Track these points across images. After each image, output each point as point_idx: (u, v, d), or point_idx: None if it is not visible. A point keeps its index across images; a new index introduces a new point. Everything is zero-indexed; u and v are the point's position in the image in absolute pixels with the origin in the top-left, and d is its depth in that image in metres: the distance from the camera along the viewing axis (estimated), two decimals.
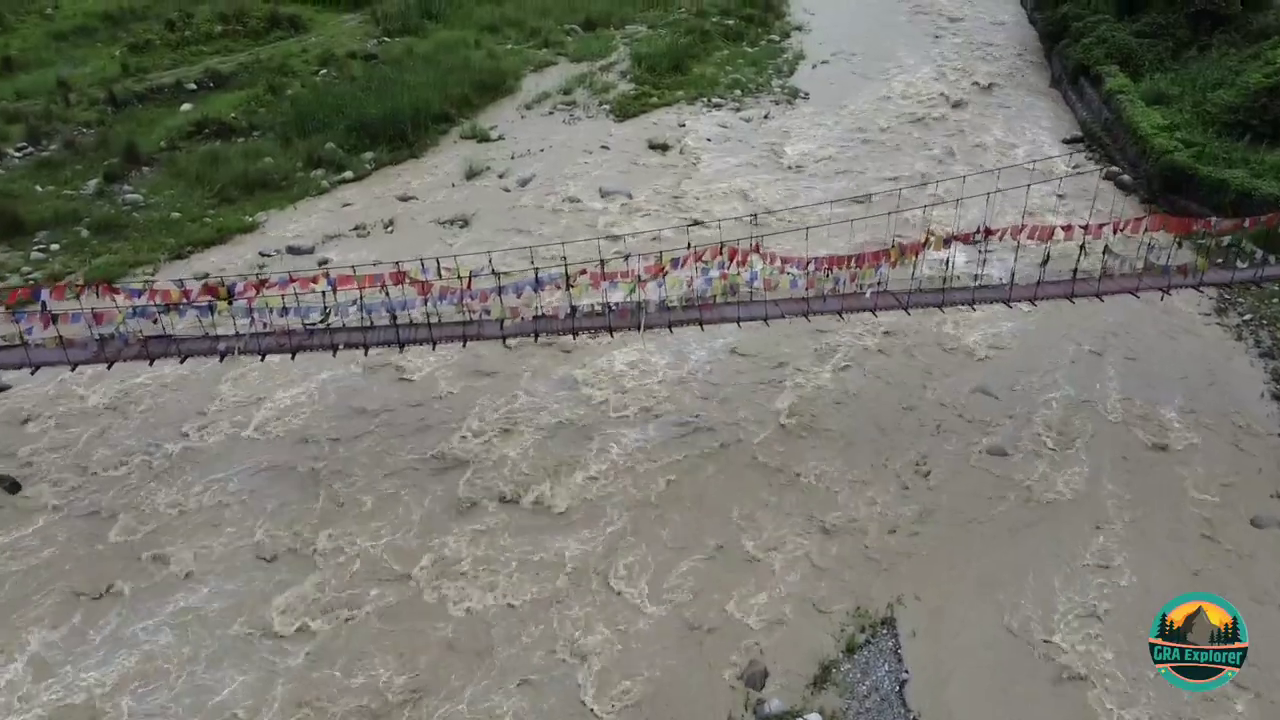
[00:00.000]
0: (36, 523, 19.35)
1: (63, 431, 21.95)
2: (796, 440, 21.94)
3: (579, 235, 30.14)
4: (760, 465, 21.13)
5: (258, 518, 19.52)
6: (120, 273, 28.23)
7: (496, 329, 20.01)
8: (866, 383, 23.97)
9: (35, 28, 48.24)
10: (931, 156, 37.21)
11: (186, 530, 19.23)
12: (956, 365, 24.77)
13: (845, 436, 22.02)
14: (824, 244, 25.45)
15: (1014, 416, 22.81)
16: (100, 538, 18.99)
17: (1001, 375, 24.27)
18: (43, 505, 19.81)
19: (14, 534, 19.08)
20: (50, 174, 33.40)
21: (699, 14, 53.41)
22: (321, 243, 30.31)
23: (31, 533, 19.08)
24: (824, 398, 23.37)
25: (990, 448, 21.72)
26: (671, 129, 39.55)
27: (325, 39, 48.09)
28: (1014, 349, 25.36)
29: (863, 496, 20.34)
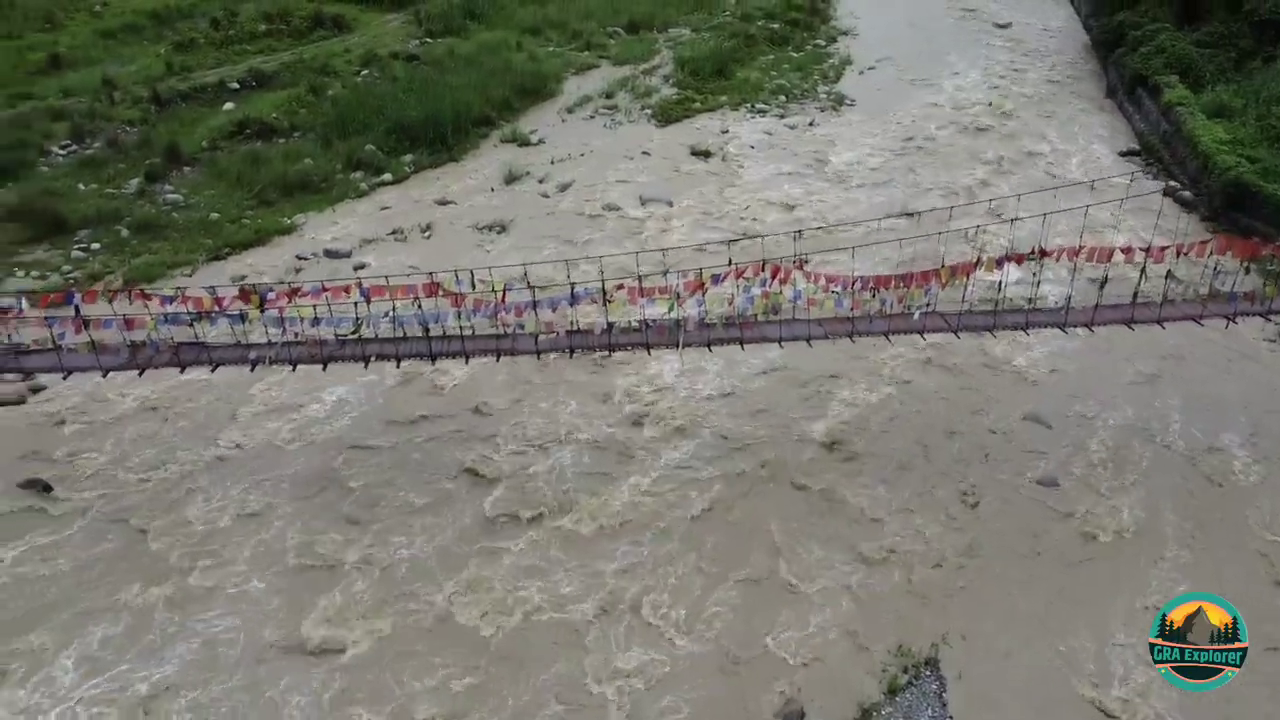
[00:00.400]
0: (68, 527, 19.15)
1: (96, 435, 21.80)
2: (838, 463, 21.21)
3: (618, 244, 29.70)
4: (801, 489, 20.44)
5: (287, 529, 19.18)
6: (158, 273, 28.16)
7: (531, 343, 19.52)
8: (912, 405, 23.17)
9: (84, 25, 48.69)
10: (982, 167, 36.20)
11: (215, 540, 18.93)
12: (1006, 388, 23.88)
13: (889, 461, 21.26)
14: (869, 257, 24.87)
15: (1066, 445, 21.90)
16: (129, 544, 18.75)
17: (1053, 400, 23.35)
18: (74, 509, 19.63)
19: (45, 538, 18.90)
20: (93, 172, 33.48)
21: (743, 18, 52.71)
22: (359, 246, 30.04)
23: (62, 538, 18.88)
24: (868, 419, 22.61)
25: (1041, 477, 20.85)
26: (714, 135, 38.90)
27: (368, 39, 48.03)
28: (1066, 372, 24.41)
29: (907, 526, 19.58)
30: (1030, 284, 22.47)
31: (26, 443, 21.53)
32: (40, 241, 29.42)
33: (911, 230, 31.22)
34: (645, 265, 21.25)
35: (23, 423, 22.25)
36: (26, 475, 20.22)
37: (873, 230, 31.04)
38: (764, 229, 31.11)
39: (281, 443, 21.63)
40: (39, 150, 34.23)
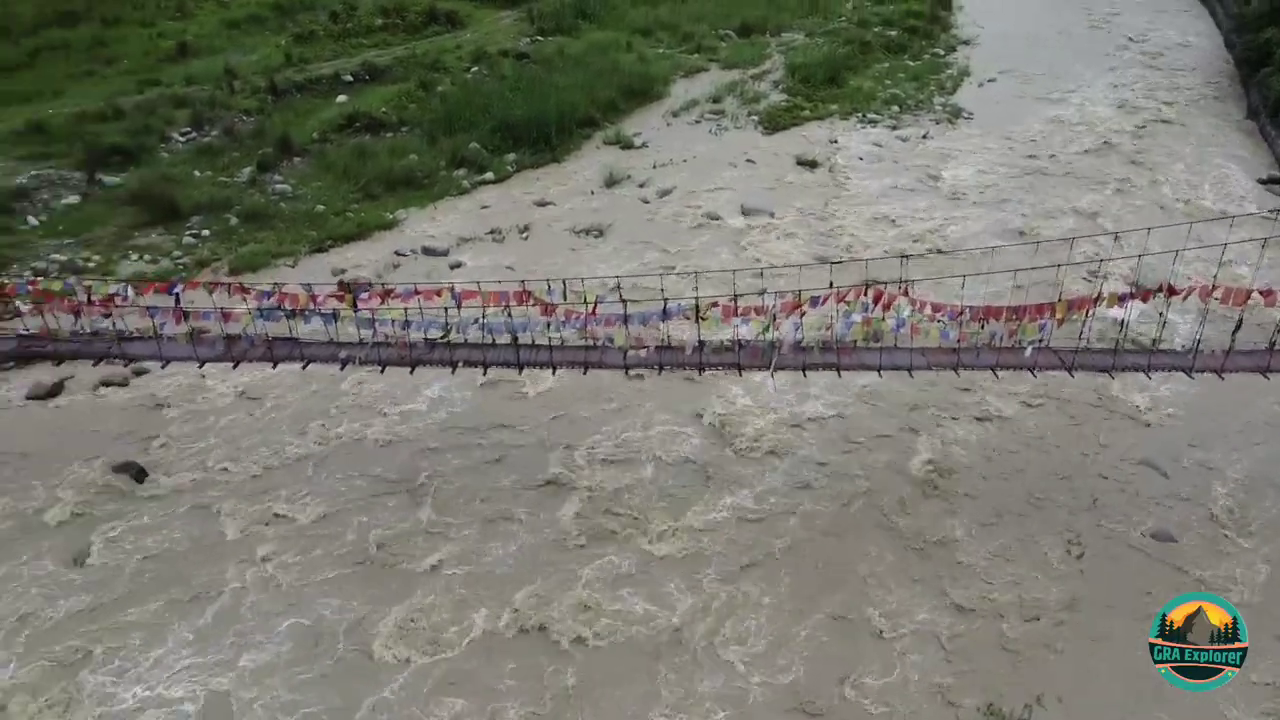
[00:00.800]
0: (157, 515, 19.53)
1: (191, 422, 22.25)
2: (933, 500, 20.16)
3: (716, 255, 29.05)
4: (891, 526, 19.48)
5: (367, 530, 19.16)
6: (262, 262, 28.73)
7: (619, 358, 19.05)
8: (1015, 442, 21.91)
9: (212, 15, 50.41)
10: (1105, 189, 34.29)
11: (296, 537, 19.04)
12: (1119, 430, 22.39)
13: (987, 502, 20.10)
14: (979, 283, 23.67)
15: (1184, 495, 20.36)
16: (214, 536, 19.01)
17: (1171, 445, 21.77)
18: (164, 496, 20.03)
19: (135, 523, 19.31)
20: (209, 160, 34.45)
21: (860, 23, 51.37)
22: (456, 245, 30.11)
23: (151, 524, 19.25)
24: (967, 455, 21.46)
25: (1154, 531, 19.40)
26: (822, 145, 37.85)
27: (480, 36, 48.41)
28: (1187, 416, 22.75)
29: (1003, 573, 18.44)
30: (1154, 321, 21.02)
31: (127, 424, 22.12)
32: (155, 226, 30.36)
33: (1026, 256, 29.86)
34: (741, 282, 20.50)
35: (126, 404, 22.88)
36: (123, 459, 20.72)
37: (984, 254, 29.75)
38: (868, 246, 30.13)
39: (369, 440, 21.69)
40: (161, 136, 35.40)
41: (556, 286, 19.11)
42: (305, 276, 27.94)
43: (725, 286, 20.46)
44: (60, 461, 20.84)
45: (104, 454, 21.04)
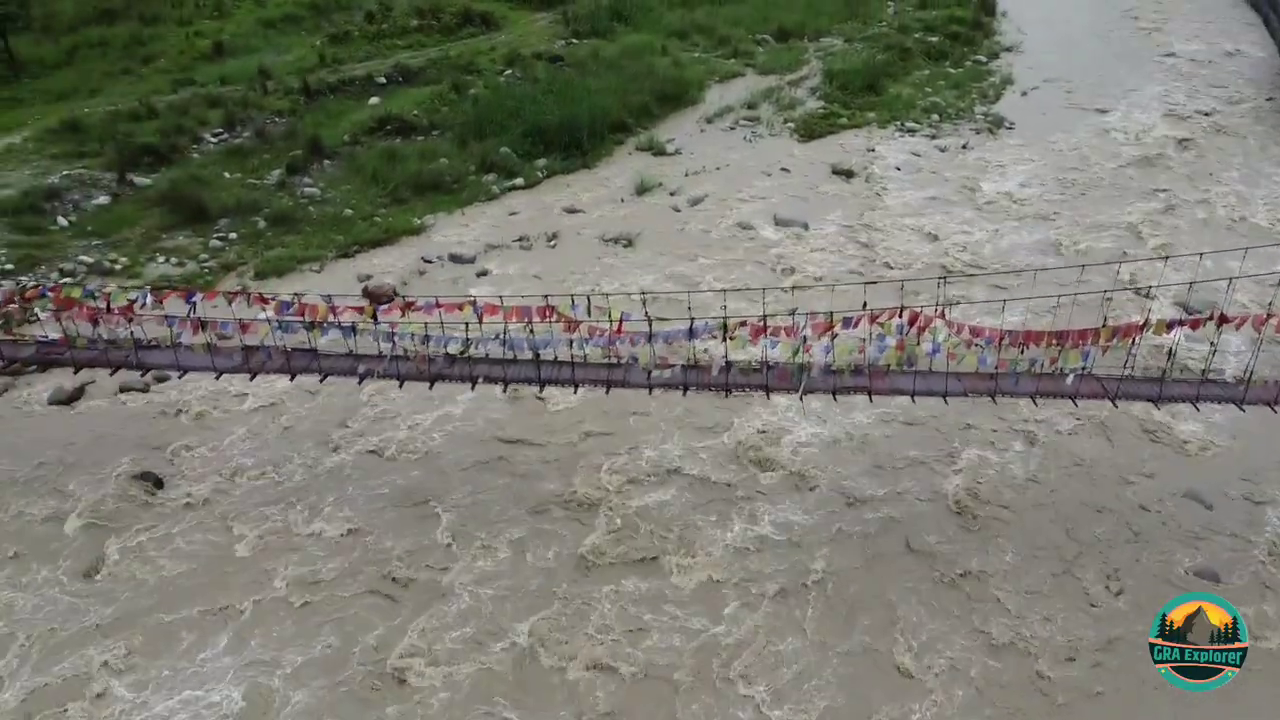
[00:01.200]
0: (172, 525, 19.30)
1: (212, 430, 22.03)
2: (966, 529, 19.43)
3: (747, 267, 28.48)
4: (922, 556, 18.78)
5: (381, 548, 18.79)
6: (289, 267, 28.54)
7: (643, 377, 18.51)
8: (1054, 469, 21.10)
9: (249, 14, 50.54)
10: (1153, 205, 33.20)
11: (311, 552, 18.71)
12: (1163, 459, 21.50)
13: (1023, 533, 19.33)
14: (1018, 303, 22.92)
15: (1230, 531, 19.45)
16: (230, 549, 18.73)
17: (1218, 478, 20.84)
18: (181, 506, 19.80)
19: (151, 534, 19.09)
20: (239, 161, 34.38)
21: (900, 29, 50.40)
22: (484, 252, 29.73)
23: (164, 535, 19.03)
24: (1002, 482, 20.70)
25: (1198, 569, 18.53)
26: (858, 154, 37.07)
27: (514, 38, 48.09)
28: (1235, 446, 21.78)
29: (1038, 609, 17.68)
30: (1203, 346, 20.10)
31: (146, 431, 21.95)
32: (184, 228, 30.29)
33: (1068, 275, 28.95)
34: (771, 299, 19.91)
35: (146, 410, 22.71)
36: (141, 468, 20.53)
37: (1025, 273, 28.89)
38: (904, 260, 29.40)
39: (387, 453, 21.33)
40: (193, 137, 35.38)
41: (580, 302, 18.66)
42: (330, 283, 27.80)
43: (754, 303, 19.87)
44: (79, 468, 20.70)
45: (123, 461, 20.88)
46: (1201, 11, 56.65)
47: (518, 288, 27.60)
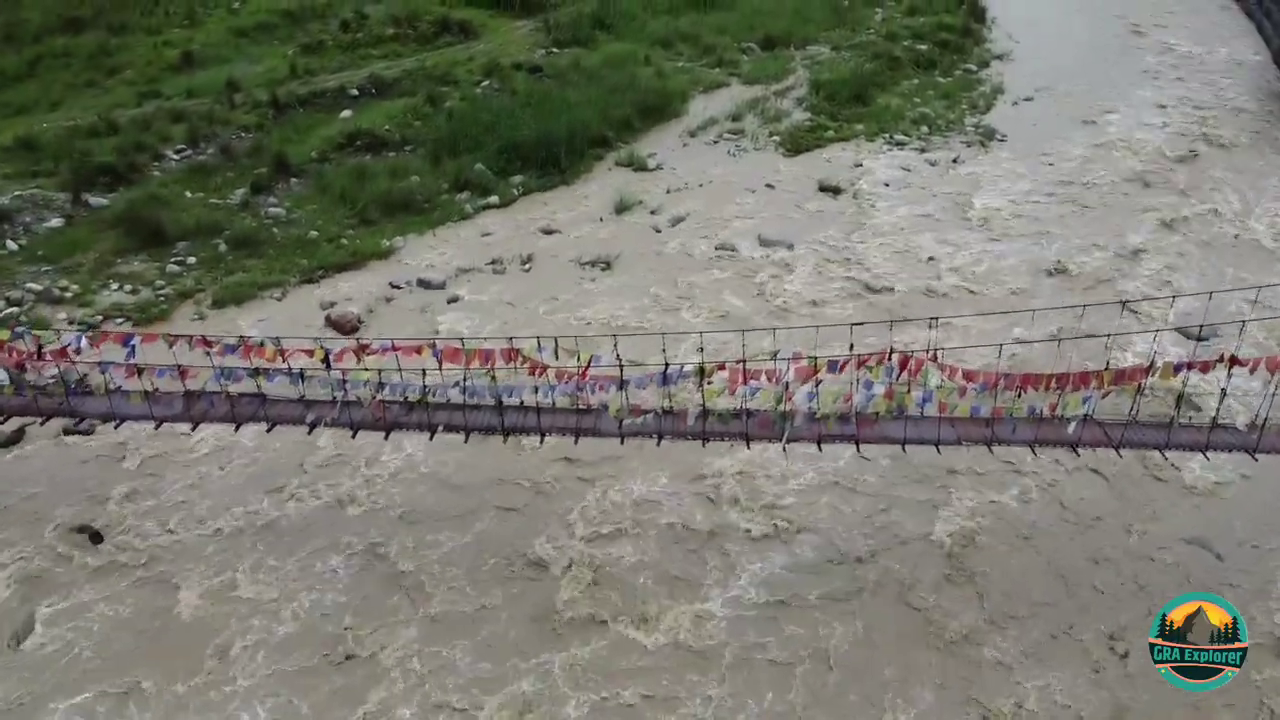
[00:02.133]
0: (109, 585, 17.98)
1: (157, 476, 20.67)
2: (960, 585, 18.21)
3: (728, 292, 27.27)
4: (914, 614, 17.57)
5: (330, 611, 17.49)
6: (249, 293, 27.18)
7: (614, 425, 17.25)
8: (1052, 515, 19.91)
9: (220, 22, 48.97)
10: (1151, 223, 32.04)
11: (255, 615, 17.40)
12: (1168, 502, 20.33)
13: (1020, 588, 18.13)
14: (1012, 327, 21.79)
15: (1241, 583, 18.28)
16: (169, 613, 17.41)
17: (1225, 523, 19.68)
18: (119, 564, 18.46)
19: (85, 596, 17.76)
20: (202, 180, 32.97)
21: (888, 36, 49.11)
22: (454, 276, 28.39)
23: (100, 598, 17.69)
24: (997, 529, 19.49)
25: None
26: (846, 169, 35.83)
27: (493, 47, 46.70)
28: (1245, 488, 20.60)
29: (1037, 675, 16.49)
30: (1211, 384, 19.01)
31: (88, 477, 20.59)
32: (139, 252, 28.86)
33: (1064, 294, 27.83)
34: (753, 338, 18.66)
35: (89, 455, 21.34)
36: (80, 520, 19.20)
37: (1019, 298, 27.78)
38: (893, 284, 28.18)
39: (343, 502, 20.02)
40: (154, 154, 33.97)
41: (548, 343, 17.38)
42: (292, 309, 26.54)
43: (730, 345, 18.64)
44: (12, 520, 19.36)
45: (61, 512, 19.54)
46: (1193, 15, 55.61)
47: (489, 316, 26.39)
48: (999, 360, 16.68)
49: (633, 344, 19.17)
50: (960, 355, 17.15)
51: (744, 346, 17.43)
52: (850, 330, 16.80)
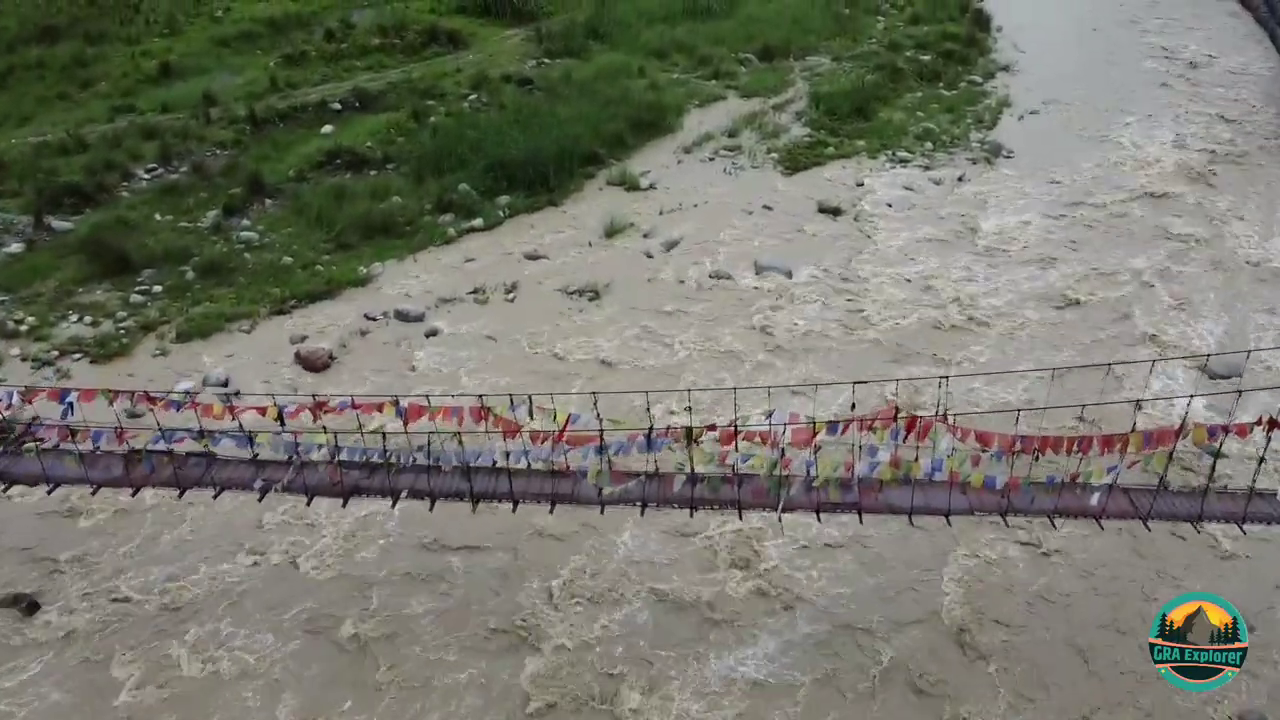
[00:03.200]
0: (42, 660, 16.51)
1: (109, 534, 19.18)
2: (969, 661, 16.76)
3: (722, 325, 25.80)
4: (920, 698, 16.10)
5: (286, 692, 16.03)
6: (216, 326, 25.71)
7: (594, 492, 15.76)
8: (1067, 578, 18.44)
9: (202, 31, 47.48)
10: (1164, 247, 30.58)
11: (202, 697, 15.93)
12: (1193, 564, 18.83)
13: (1033, 662, 16.68)
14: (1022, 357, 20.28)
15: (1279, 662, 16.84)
16: (104, 698, 15.92)
17: (1259, 590, 18.16)
18: (56, 637, 17.00)
19: (16, 674, 16.29)
20: (173, 201, 31.47)
21: (891, 46, 47.66)
22: (434, 307, 26.90)
23: (31, 676, 16.23)
24: (1009, 596, 18.02)
25: (1241, 711, 15.89)
26: (847, 188, 34.35)
27: (483, 57, 45.22)
28: (1277, 548, 19.17)
29: None
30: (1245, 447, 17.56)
31: (29, 537, 19.11)
32: (103, 279, 27.39)
33: (1076, 328, 26.41)
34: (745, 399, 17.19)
35: (34, 509, 19.80)
36: (15, 588, 17.73)
37: (1027, 325, 26.35)
38: (897, 313, 26.72)
39: (303, 565, 18.54)
40: (123, 174, 32.49)
41: (520, 401, 15.88)
42: (261, 343, 25.12)
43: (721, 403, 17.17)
44: None
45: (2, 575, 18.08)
46: (1202, 22, 54.17)
47: (468, 351, 24.98)
48: (1016, 425, 15.13)
49: (615, 400, 17.68)
50: (972, 402, 15.67)
51: (735, 404, 15.96)
52: (852, 389, 15.33)
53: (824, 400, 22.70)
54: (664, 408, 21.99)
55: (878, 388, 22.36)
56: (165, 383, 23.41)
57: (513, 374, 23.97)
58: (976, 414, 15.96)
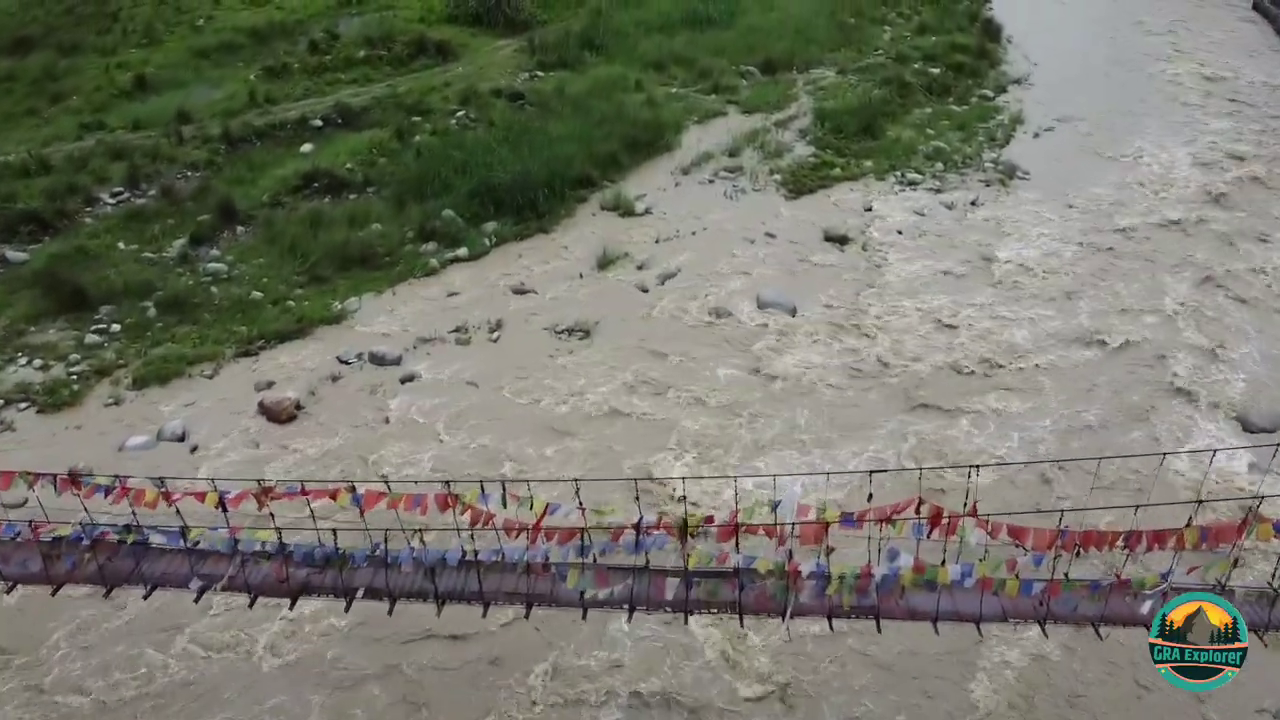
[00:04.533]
0: None
1: (31, 622, 17.26)
2: None
3: (720, 371, 23.98)
4: None
5: None
6: (176, 370, 23.88)
7: (574, 594, 13.88)
8: (1105, 675, 16.57)
9: (181, 42, 45.52)
10: (1195, 280, 28.72)
11: None
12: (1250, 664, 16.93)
13: None
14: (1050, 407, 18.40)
15: None
16: None
17: None
18: None
19: None
20: (138, 228, 29.63)
21: (898, 58, 45.70)
22: (412, 348, 25.05)
23: None
24: (1040, 696, 16.15)
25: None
26: (854, 213, 32.46)
27: (473, 70, 43.31)
28: None
29: None
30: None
31: None
32: (58, 316, 25.57)
33: (1104, 370, 24.57)
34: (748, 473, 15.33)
35: None
36: None
37: (1048, 369, 24.52)
38: (909, 355, 24.89)
39: (257, 657, 16.68)
40: (86, 198, 30.61)
41: (491, 489, 13.99)
42: (224, 391, 23.30)
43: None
44: None
45: None
46: (1218, 31, 52.23)
47: (447, 399, 23.14)
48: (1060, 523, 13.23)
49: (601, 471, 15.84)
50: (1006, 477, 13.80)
51: (736, 493, 14.09)
52: (869, 479, 13.42)
53: (836, 456, 20.96)
54: (658, 463, 20.21)
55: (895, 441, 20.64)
56: (117, 436, 21.71)
57: (494, 426, 22.17)
58: (1012, 513, 14.00)
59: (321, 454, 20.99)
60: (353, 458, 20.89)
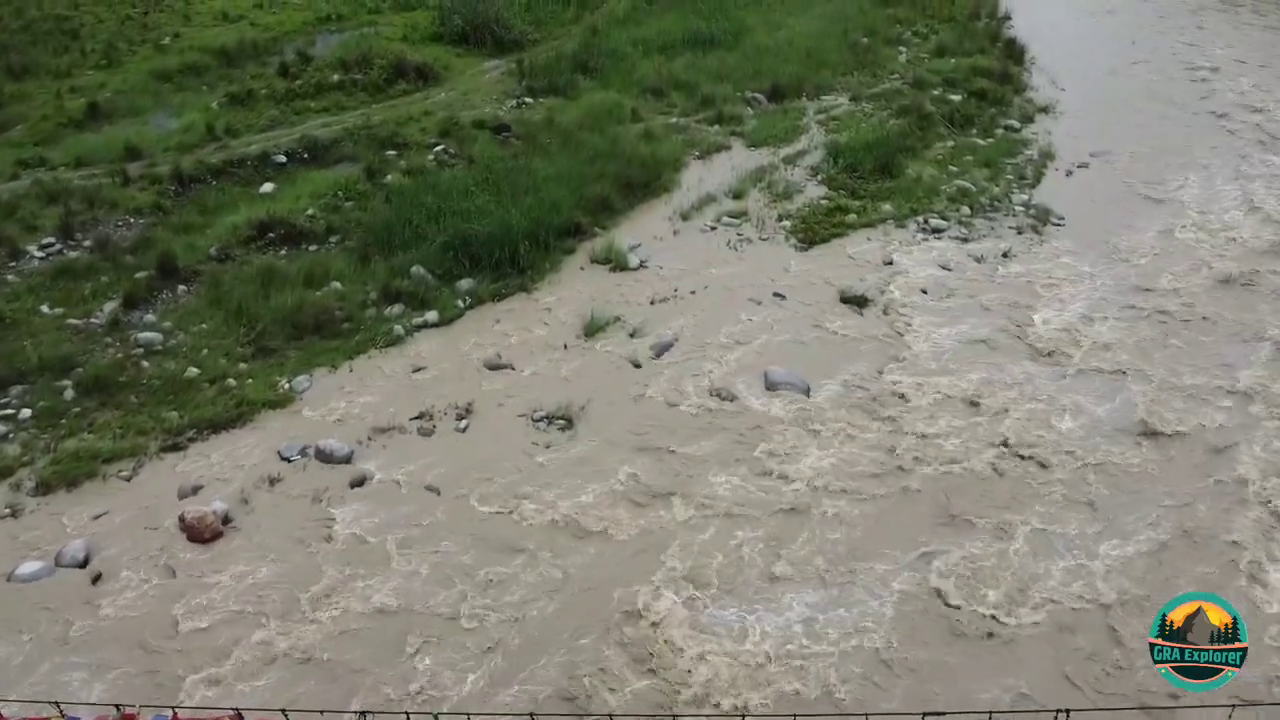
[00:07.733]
0: None
1: None
2: None
3: (724, 478, 20.59)
4: None
5: None
6: (88, 469, 20.44)
7: None
8: None
9: (144, 63, 42.16)
10: (1261, 350, 25.38)
11: None
12: None
13: None
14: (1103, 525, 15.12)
15: None
16: None
17: None
18: None
19: None
20: (67, 287, 26.16)
21: (916, 84, 42.27)
22: (366, 441, 21.63)
23: None
24: None
25: None
26: (873, 267, 29.04)
27: (456, 96, 39.94)
28: None
29: None
30: None
31: None
32: None
33: (1164, 477, 21.17)
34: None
35: None
36: None
37: (1101, 468, 21.18)
38: (941, 451, 21.51)
39: None
40: (11, 251, 27.23)
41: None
42: (141, 498, 20.02)
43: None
44: None
45: None
46: (1260, 51, 48.80)
47: (402, 512, 19.71)
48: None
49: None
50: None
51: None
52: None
53: (861, 584, 17.60)
54: (647, 601, 16.89)
55: (925, 569, 17.34)
56: (7, 560, 18.33)
57: (456, 545, 18.84)
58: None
59: (245, 588, 17.63)
60: (283, 594, 17.52)
